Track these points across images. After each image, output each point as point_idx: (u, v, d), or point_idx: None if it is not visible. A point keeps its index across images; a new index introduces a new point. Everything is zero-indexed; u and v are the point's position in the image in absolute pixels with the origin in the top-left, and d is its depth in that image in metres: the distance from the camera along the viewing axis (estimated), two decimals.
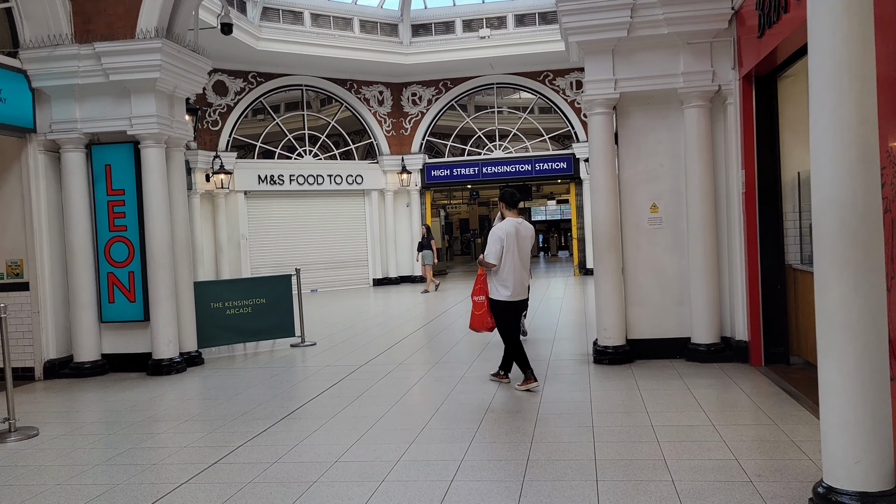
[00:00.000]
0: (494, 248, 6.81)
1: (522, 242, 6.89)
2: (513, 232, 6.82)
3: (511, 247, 6.79)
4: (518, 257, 6.83)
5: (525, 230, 6.94)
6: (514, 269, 6.81)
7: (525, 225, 6.97)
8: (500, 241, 6.79)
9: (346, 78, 20.74)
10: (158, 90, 8.50)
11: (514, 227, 6.86)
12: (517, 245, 6.82)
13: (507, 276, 6.81)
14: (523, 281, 6.95)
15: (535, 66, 20.85)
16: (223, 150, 18.86)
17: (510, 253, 6.79)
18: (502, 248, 6.78)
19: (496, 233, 6.86)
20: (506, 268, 6.80)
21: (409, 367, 8.53)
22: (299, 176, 20.08)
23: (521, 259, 6.88)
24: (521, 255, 6.88)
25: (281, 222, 20.10)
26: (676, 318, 8.00)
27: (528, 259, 7.01)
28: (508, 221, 6.92)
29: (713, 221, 7.74)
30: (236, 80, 19.12)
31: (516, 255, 6.81)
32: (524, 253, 6.91)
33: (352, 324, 12.68)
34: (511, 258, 6.79)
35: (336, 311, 14.97)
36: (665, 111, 7.96)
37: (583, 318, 12.05)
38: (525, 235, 6.92)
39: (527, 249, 6.95)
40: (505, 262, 6.79)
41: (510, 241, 6.80)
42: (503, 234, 6.80)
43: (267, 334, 10.17)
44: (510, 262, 6.79)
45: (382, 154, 21.36)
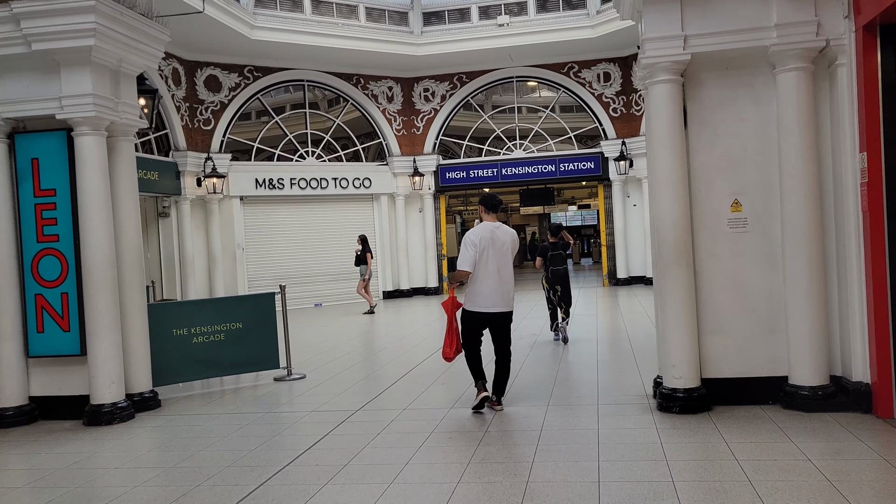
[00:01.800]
0: (467, 254, 6.34)
1: (499, 249, 6.38)
2: (487, 237, 6.34)
3: (486, 253, 6.31)
4: (494, 265, 6.33)
5: (503, 235, 6.44)
6: (489, 279, 6.32)
7: (503, 230, 6.49)
8: (474, 246, 6.33)
9: (351, 72, 18.96)
10: (96, 63, 6.70)
11: (490, 231, 6.38)
12: (493, 252, 6.33)
13: (480, 286, 6.33)
14: (501, 292, 6.38)
15: (559, 57, 18.96)
16: (216, 152, 17.12)
17: (484, 260, 6.31)
18: (476, 255, 6.29)
19: (469, 237, 6.40)
20: (479, 276, 6.33)
21: (417, 411, 6.65)
22: (301, 180, 18.29)
23: (499, 267, 6.35)
24: (499, 263, 6.36)
25: (281, 231, 18.31)
26: (767, 352, 6.06)
27: (509, 268, 6.45)
28: (483, 226, 6.45)
29: (818, 222, 5.81)
30: (230, 75, 17.38)
31: (491, 263, 6.32)
32: (502, 261, 6.39)
33: (353, 348, 10.82)
34: (485, 266, 6.31)
35: (337, 330, 13.11)
36: (749, 78, 6.05)
37: (625, 339, 10.12)
38: (503, 241, 6.41)
39: (505, 257, 6.43)
40: (478, 270, 6.32)
41: (485, 246, 6.32)
42: (476, 240, 6.33)
43: (244, 366, 8.33)
44: (483, 269, 6.31)
45: (392, 155, 19.55)
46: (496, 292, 6.36)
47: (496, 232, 6.43)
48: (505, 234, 6.47)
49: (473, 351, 6.62)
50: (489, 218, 6.54)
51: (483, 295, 6.36)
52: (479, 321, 6.48)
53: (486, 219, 6.54)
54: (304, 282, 18.50)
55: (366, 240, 16.49)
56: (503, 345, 6.64)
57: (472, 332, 6.57)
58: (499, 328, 6.57)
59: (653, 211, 6.29)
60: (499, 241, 6.40)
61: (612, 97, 19.00)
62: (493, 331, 6.58)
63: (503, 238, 6.44)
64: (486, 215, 6.56)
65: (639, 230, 18.98)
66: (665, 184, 5.97)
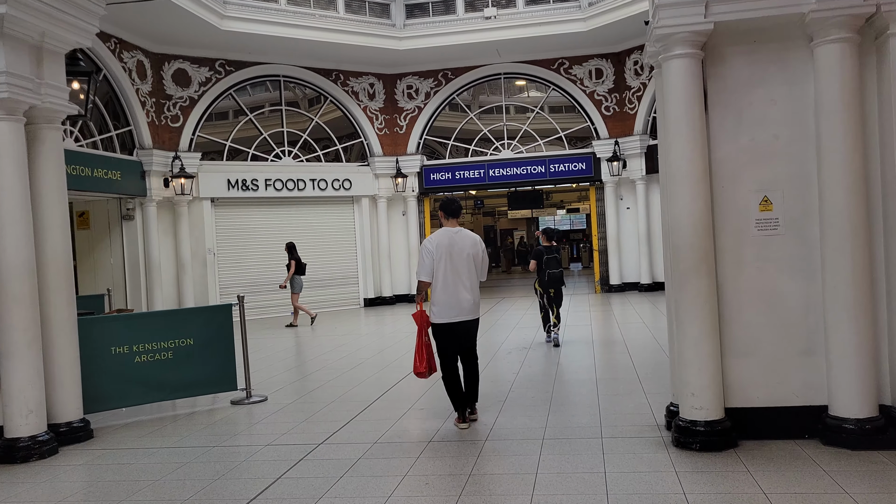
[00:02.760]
0: (423, 263, 6.09)
1: (459, 255, 6.06)
2: (445, 243, 6.06)
3: (445, 261, 6.01)
4: (454, 273, 6.03)
5: (462, 241, 6.11)
6: (448, 287, 6.01)
7: (463, 234, 6.17)
8: (430, 254, 6.05)
9: (330, 68, 17.97)
10: (10, 35, 5.68)
11: (448, 238, 6.09)
12: (452, 258, 6.03)
13: (442, 296, 6.03)
14: (464, 300, 6.04)
15: (549, 53, 18.06)
16: (185, 151, 16.07)
17: (443, 268, 6.01)
18: (433, 263, 6.01)
19: (425, 245, 6.13)
20: (439, 285, 6.04)
21: (390, 446, 5.66)
22: (277, 180, 17.27)
23: (459, 275, 6.03)
24: (459, 270, 6.04)
25: (256, 234, 17.26)
26: (803, 377, 5.12)
27: (471, 275, 6.10)
28: (442, 232, 6.15)
29: (863, 223, 4.89)
30: (200, 69, 16.34)
31: (451, 271, 6.02)
32: (463, 267, 6.06)
33: (326, 363, 9.81)
34: (445, 274, 6.01)
35: (311, 342, 12.10)
36: (782, 53, 5.12)
37: (623, 352, 9.18)
38: (462, 247, 6.08)
39: (467, 263, 6.08)
40: (437, 279, 6.03)
41: (442, 254, 6.02)
42: (433, 247, 6.06)
43: (196, 388, 7.31)
44: (443, 278, 6.01)
45: (374, 155, 18.56)
46: (459, 301, 6.03)
47: (455, 238, 6.11)
48: (465, 240, 6.14)
49: (451, 371, 6.16)
50: (449, 224, 6.24)
51: (446, 304, 6.04)
52: (449, 333, 6.10)
53: (446, 224, 6.25)
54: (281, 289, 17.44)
55: (291, 248, 15.14)
56: (470, 354, 6.30)
57: (447, 347, 6.15)
58: (465, 337, 6.21)
59: (667, 211, 5.35)
60: (458, 246, 6.07)
61: (604, 95, 18.12)
62: (462, 339, 6.22)
63: (463, 243, 6.11)
64: (445, 221, 6.28)
65: (632, 234, 18.10)
66: (682, 179, 5.03)
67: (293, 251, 15.07)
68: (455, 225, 6.25)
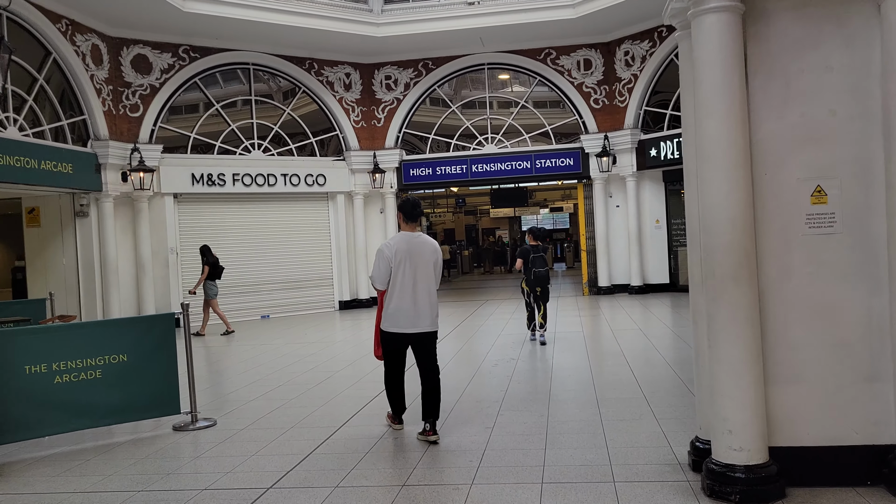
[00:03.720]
0: (379, 269, 5.74)
1: (418, 261, 5.69)
2: (403, 248, 5.68)
3: (402, 267, 5.65)
4: (411, 280, 5.65)
5: (420, 246, 5.75)
6: (405, 296, 5.65)
7: (421, 239, 5.80)
8: (387, 260, 5.69)
9: (303, 56, 16.88)
10: None
11: (406, 242, 5.72)
12: (410, 265, 5.66)
13: (397, 303, 5.67)
14: (420, 310, 5.67)
15: (535, 42, 17.11)
16: (145, 143, 14.90)
17: (401, 274, 5.66)
18: (390, 270, 5.67)
19: (381, 250, 5.78)
20: (395, 293, 5.67)
21: (354, 492, 4.62)
22: (245, 175, 16.14)
23: (417, 282, 5.66)
24: (417, 277, 5.67)
25: (222, 233, 16.11)
26: (865, 409, 4.15)
27: (429, 282, 5.74)
28: (400, 236, 5.81)
29: None
30: (163, 55, 15.18)
31: (408, 278, 5.66)
32: (421, 274, 5.69)
33: (291, 376, 8.75)
34: (401, 281, 5.65)
35: (276, 350, 11.02)
36: (840, 10, 4.14)
37: (623, 364, 8.20)
38: (420, 252, 5.71)
39: (425, 270, 5.72)
40: (394, 286, 5.67)
41: (400, 259, 5.66)
42: (390, 252, 5.69)
43: (131, 413, 6.22)
44: (400, 285, 5.66)
45: (350, 149, 17.49)
46: (414, 310, 5.64)
47: (414, 242, 5.72)
48: (424, 245, 5.76)
49: (394, 378, 5.89)
50: (408, 227, 5.83)
51: (399, 313, 5.65)
52: (397, 342, 5.74)
53: (405, 228, 5.85)
54: (250, 291, 16.37)
55: (205, 251, 13.77)
56: (429, 367, 5.79)
57: (392, 355, 5.83)
58: (421, 350, 5.78)
59: (695, 203, 4.36)
60: (417, 252, 5.68)
61: (593, 87, 17.18)
62: (415, 352, 5.80)
63: (421, 249, 5.72)
64: (404, 224, 5.86)
65: (622, 234, 17.18)
66: (718, 163, 4.03)
67: (208, 254, 13.69)
68: (415, 229, 5.84)
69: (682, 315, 12.65)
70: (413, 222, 5.86)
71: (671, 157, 15.99)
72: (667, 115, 16.37)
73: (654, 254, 17.05)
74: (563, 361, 8.76)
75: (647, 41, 16.35)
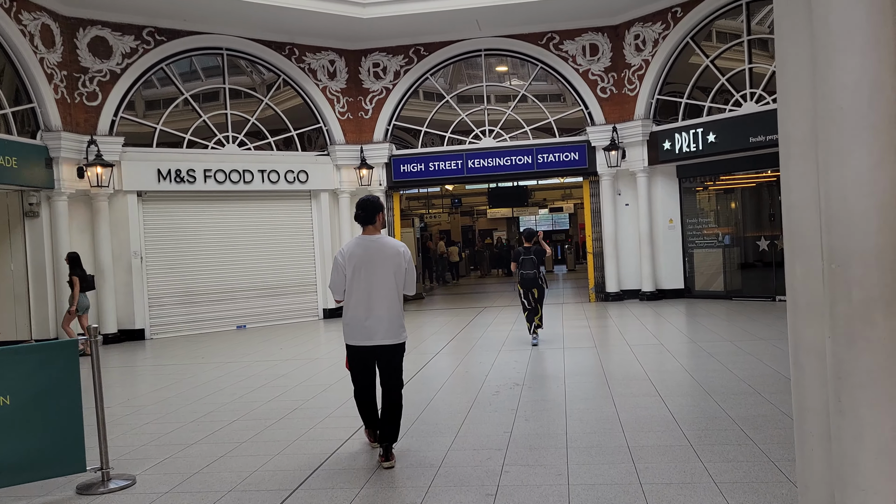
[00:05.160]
0: (334, 277, 5.23)
1: (375, 268, 5.12)
2: (358, 254, 5.14)
3: (358, 274, 5.11)
4: (368, 289, 5.09)
5: (381, 251, 5.16)
6: (360, 305, 5.10)
7: (383, 243, 5.20)
8: (340, 268, 5.18)
9: (283, 41, 15.40)
10: None
11: (363, 247, 5.17)
12: (367, 271, 5.11)
13: (350, 314, 5.16)
14: (376, 321, 5.08)
15: (536, 25, 15.65)
16: (104, 135, 13.41)
17: (357, 282, 5.11)
18: (345, 278, 5.15)
19: (335, 257, 5.25)
20: (351, 302, 5.15)
21: None
22: (219, 171, 14.65)
23: (374, 291, 5.08)
24: (374, 286, 5.09)
25: (193, 235, 14.63)
26: None
27: (390, 292, 5.10)
28: (356, 240, 5.25)
29: None
30: (125, 38, 13.68)
31: (363, 285, 5.09)
32: (379, 282, 5.10)
33: (249, 407, 7.25)
34: (357, 289, 5.11)
35: (241, 371, 9.52)
36: None
37: (654, 395, 6.73)
38: (380, 258, 5.14)
39: (383, 278, 5.11)
40: (350, 295, 5.15)
41: (356, 265, 5.10)
42: (343, 259, 5.17)
43: (16, 473, 4.70)
44: (356, 293, 5.12)
45: (335, 143, 16.02)
46: (368, 321, 5.14)
47: (372, 247, 5.21)
48: (384, 249, 5.22)
49: (361, 392, 5.42)
50: (366, 231, 5.33)
51: (353, 325, 5.18)
52: (359, 357, 5.26)
53: (364, 231, 5.36)
54: (224, 299, 14.88)
55: (73, 260, 11.73)
56: (389, 384, 5.27)
57: (357, 370, 5.33)
58: (382, 364, 5.27)
59: (805, 186, 2.87)
60: (375, 257, 5.16)
61: (600, 74, 15.72)
62: (378, 366, 5.31)
63: (381, 253, 5.19)
64: (363, 228, 5.38)
65: (632, 234, 15.72)
66: (859, 119, 2.55)
67: (76, 264, 11.70)
68: (374, 232, 5.29)
69: (705, 325, 11.19)
70: (371, 224, 5.26)
71: (687, 150, 14.55)
72: (682, 104, 14.92)
73: (667, 257, 15.59)
74: (578, 388, 7.29)
75: (660, 23, 14.90)
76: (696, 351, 9.06)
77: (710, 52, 14.52)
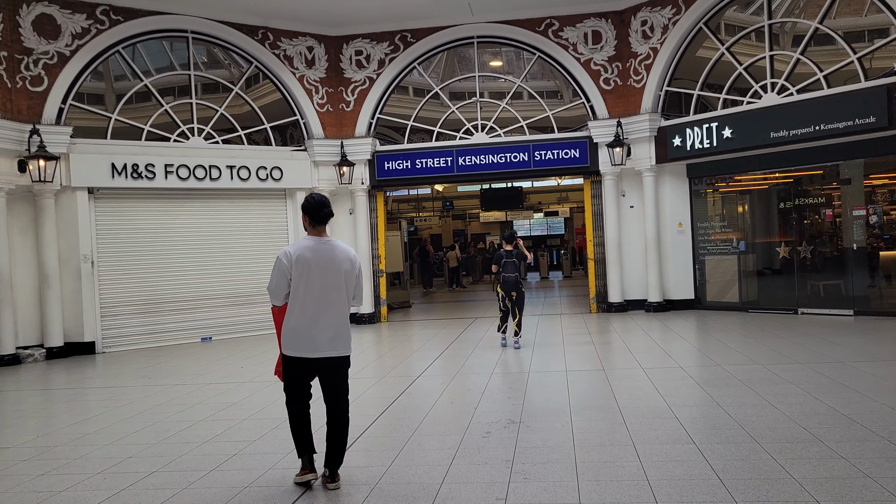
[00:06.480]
0: (276, 281, 4.66)
1: (325, 273, 4.60)
2: (306, 257, 4.59)
3: (304, 279, 4.57)
4: (317, 296, 4.59)
5: (328, 254, 4.63)
6: (306, 313, 4.60)
7: (333, 246, 4.69)
8: (284, 272, 4.60)
9: (256, 24, 13.98)
10: None
11: (311, 250, 4.63)
12: (313, 276, 4.58)
13: (295, 322, 4.62)
14: (320, 331, 4.61)
15: (534, 10, 14.29)
16: (50, 123, 11.95)
17: (302, 288, 4.58)
18: (288, 282, 4.59)
19: (279, 258, 4.67)
20: (295, 309, 4.63)
21: None
22: (181, 167, 13.19)
23: (323, 299, 4.60)
24: (324, 293, 4.60)
25: (152, 237, 13.16)
26: None
27: (340, 300, 4.65)
28: (302, 242, 4.70)
29: None
30: (75, 17, 12.23)
31: (309, 292, 4.58)
32: (330, 289, 4.62)
33: (178, 452, 5.80)
34: (303, 295, 4.59)
35: (186, 397, 8.06)
36: None
37: (688, 442, 5.32)
38: (328, 262, 4.63)
39: (334, 285, 4.63)
40: (293, 302, 4.62)
41: (301, 269, 4.56)
42: (288, 262, 4.60)
43: None
44: (301, 300, 4.59)
45: (313, 137, 14.60)
46: (315, 332, 4.58)
47: (321, 249, 4.61)
48: (333, 253, 4.63)
49: (296, 409, 4.79)
50: (315, 231, 4.70)
51: (297, 335, 4.61)
52: (299, 369, 4.69)
53: (312, 232, 4.71)
54: (188, 308, 13.42)
55: None
56: (334, 401, 4.73)
57: (294, 384, 4.76)
58: (328, 379, 4.73)
59: None
60: (324, 262, 4.58)
61: (603, 64, 14.35)
62: (321, 381, 4.75)
63: (330, 258, 4.60)
64: (311, 228, 4.73)
65: (637, 240, 14.35)
66: None
67: None
68: (323, 233, 4.78)
69: (726, 343, 9.78)
70: (321, 225, 4.74)
71: (699, 146, 13.18)
72: (694, 97, 13.56)
73: (675, 264, 14.20)
74: (589, 429, 5.87)
75: (670, 7, 13.54)
76: (724, 377, 7.64)
77: (726, 38, 13.18)
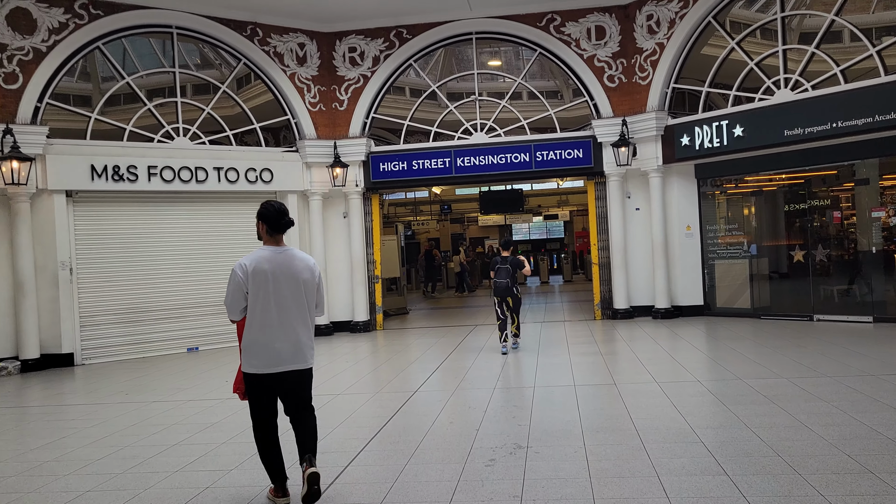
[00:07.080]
0: (231, 295, 4.38)
1: (284, 284, 4.37)
2: (263, 268, 4.34)
3: (262, 292, 4.31)
4: (274, 307, 4.35)
5: (288, 265, 4.40)
6: (267, 327, 4.35)
7: (291, 255, 4.45)
8: (241, 284, 4.33)
9: (244, 19, 13.36)
10: None
11: (268, 260, 4.38)
12: (272, 288, 4.34)
13: (255, 336, 4.36)
14: (283, 345, 4.37)
15: (535, 5, 13.70)
16: (26, 123, 11.31)
17: (261, 300, 4.32)
18: (245, 296, 4.32)
19: (234, 270, 4.38)
20: (254, 322, 4.36)
21: None
22: (166, 168, 12.55)
23: (282, 310, 4.37)
24: (284, 305, 4.37)
25: (135, 243, 12.51)
26: None
27: (301, 311, 4.42)
28: (259, 252, 4.42)
29: None
30: (52, 11, 11.60)
31: (270, 305, 4.34)
32: (290, 301, 4.38)
33: (140, 485, 5.17)
34: (262, 308, 4.33)
35: (159, 416, 7.41)
36: None
37: (717, 471, 4.69)
38: (287, 273, 4.38)
39: (294, 296, 4.39)
40: (252, 316, 4.35)
41: (260, 281, 4.31)
42: (244, 274, 4.33)
43: None
44: (261, 313, 4.33)
45: (305, 138, 13.98)
46: (278, 346, 4.34)
47: (279, 260, 4.37)
48: (292, 263, 4.40)
49: (264, 432, 4.49)
50: (272, 241, 4.46)
51: (258, 349, 4.34)
52: (262, 387, 4.42)
53: (268, 242, 4.47)
54: (174, 317, 12.77)
55: None
56: (300, 409, 4.51)
57: (259, 403, 4.47)
58: (288, 392, 4.48)
59: None
60: (283, 272, 4.35)
61: (607, 60, 13.74)
62: (284, 399, 4.51)
63: (289, 268, 4.38)
64: (267, 237, 4.47)
65: (644, 243, 13.74)
66: None
67: None
68: (280, 242, 4.47)
69: (743, 354, 9.15)
70: (279, 233, 4.48)
71: (708, 145, 12.57)
72: (703, 94, 12.95)
73: (684, 268, 13.58)
74: (605, 456, 5.23)
75: (678, 0, 12.95)
76: (747, 393, 7.01)
77: (735, 34, 12.57)
